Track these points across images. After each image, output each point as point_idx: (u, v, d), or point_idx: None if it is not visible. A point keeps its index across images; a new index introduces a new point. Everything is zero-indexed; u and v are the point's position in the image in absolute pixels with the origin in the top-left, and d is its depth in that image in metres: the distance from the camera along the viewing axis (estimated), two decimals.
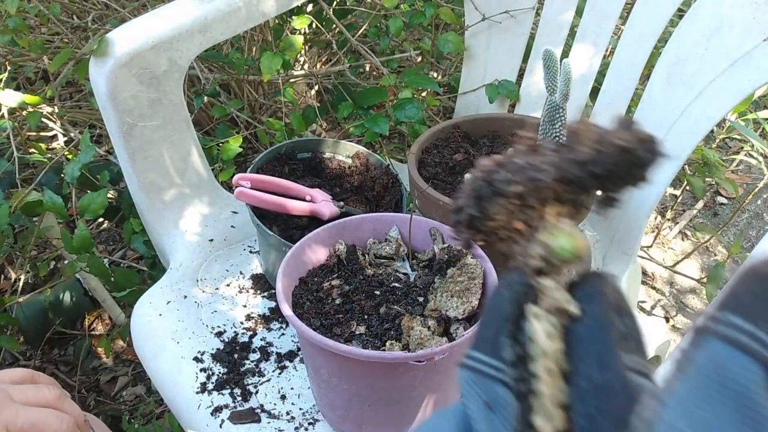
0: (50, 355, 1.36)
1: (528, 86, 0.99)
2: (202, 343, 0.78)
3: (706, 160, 1.18)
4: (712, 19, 0.74)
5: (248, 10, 0.87)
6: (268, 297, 0.85)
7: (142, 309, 0.83)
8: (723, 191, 1.78)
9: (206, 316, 0.82)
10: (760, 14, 0.71)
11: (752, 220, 1.69)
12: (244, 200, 0.80)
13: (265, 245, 0.83)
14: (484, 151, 0.78)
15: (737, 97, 0.73)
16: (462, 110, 1.08)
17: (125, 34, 0.81)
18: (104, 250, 1.57)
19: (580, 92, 0.90)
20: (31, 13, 1.12)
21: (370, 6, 1.27)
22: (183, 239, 0.92)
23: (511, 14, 0.98)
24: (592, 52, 0.89)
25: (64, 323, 1.32)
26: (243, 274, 0.89)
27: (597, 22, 0.88)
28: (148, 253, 1.08)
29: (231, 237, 0.94)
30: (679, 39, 0.78)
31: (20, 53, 1.13)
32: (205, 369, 0.75)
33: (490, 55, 1.03)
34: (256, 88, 1.34)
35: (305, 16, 1.08)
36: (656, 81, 0.80)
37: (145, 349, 0.80)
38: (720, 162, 1.19)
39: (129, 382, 1.31)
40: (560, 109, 0.66)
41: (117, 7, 1.21)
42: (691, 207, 1.72)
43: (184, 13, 0.83)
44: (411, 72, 1.10)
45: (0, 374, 0.50)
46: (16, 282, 1.35)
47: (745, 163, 1.82)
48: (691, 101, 0.76)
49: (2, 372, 0.51)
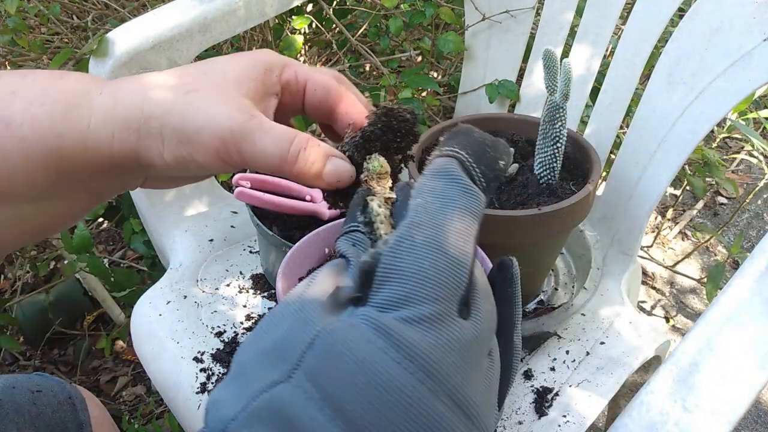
0: (50, 355, 1.36)
1: (528, 86, 0.99)
2: (201, 343, 0.78)
3: (706, 159, 1.18)
4: (713, 19, 0.74)
5: (248, 9, 0.87)
6: (268, 297, 0.85)
7: (141, 309, 0.83)
8: (723, 191, 1.78)
9: (206, 316, 0.82)
10: (761, 14, 0.71)
11: (752, 220, 1.69)
12: (244, 200, 0.80)
13: (265, 245, 0.83)
14: None
15: (737, 97, 0.73)
16: (462, 110, 1.08)
17: (125, 33, 0.81)
18: (104, 250, 1.57)
19: (580, 92, 0.90)
20: (30, 13, 1.12)
21: (370, 6, 1.27)
22: (183, 239, 0.92)
23: (512, 14, 0.98)
24: (592, 52, 0.89)
25: (64, 323, 1.32)
26: (243, 274, 0.89)
27: (597, 22, 0.88)
28: (148, 253, 1.08)
29: (231, 237, 0.94)
30: (679, 39, 0.78)
31: (20, 53, 1.13)
32: (205, 369, 0.75)
33: (490, 55, 1.03)
34: None
35: (305, 16, 1.08)
36: (656, 81, 0.80)
37: (145, 349, 0.80)
38: (720, 162, 1.19)
39: (129, 382, 1.31)
40: (560, 108, 0.66)
41: (117, 7, 1.21)
42: (691, 207, 1.72)
43: (184, 13, 0.83)
44: (411, 72, 1.10)
45: None
46: (16, 282, 1.36)
47: (745, 163, 1.82)
48: (692, 101, 0.76)
49: None
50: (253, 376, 0.25)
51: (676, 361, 0.44)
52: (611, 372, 0.71)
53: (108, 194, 0.38)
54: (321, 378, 0.24)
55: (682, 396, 0.42)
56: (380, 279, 0.26)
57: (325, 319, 0.26)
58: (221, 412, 0.25)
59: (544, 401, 0.69)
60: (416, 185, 0.30)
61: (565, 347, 0.75)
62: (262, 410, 0.24)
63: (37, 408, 0.59)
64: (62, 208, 0.35)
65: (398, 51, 1.33)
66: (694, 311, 1.44)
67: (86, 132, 0.33)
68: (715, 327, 0.45)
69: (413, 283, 0.25)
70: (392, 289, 0.26)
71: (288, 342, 0.25)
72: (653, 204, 0.81)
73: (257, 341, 0.27)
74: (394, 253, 0.27)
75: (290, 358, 0.25)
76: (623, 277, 0.84)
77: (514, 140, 0.80)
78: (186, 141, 0.33)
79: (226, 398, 0.25)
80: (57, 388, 0.62)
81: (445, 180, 0.30)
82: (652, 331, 0.77)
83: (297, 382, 0.24)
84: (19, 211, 0.34)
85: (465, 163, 0.31)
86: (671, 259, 1.56)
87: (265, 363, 0.25)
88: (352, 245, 0.33)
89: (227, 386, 0.26)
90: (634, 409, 0.42)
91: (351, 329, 0.24)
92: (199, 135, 0.33)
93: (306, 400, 0.23)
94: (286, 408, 0.23)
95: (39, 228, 0.36)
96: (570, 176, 0.72)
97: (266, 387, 0.24)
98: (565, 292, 0.85)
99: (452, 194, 0.29)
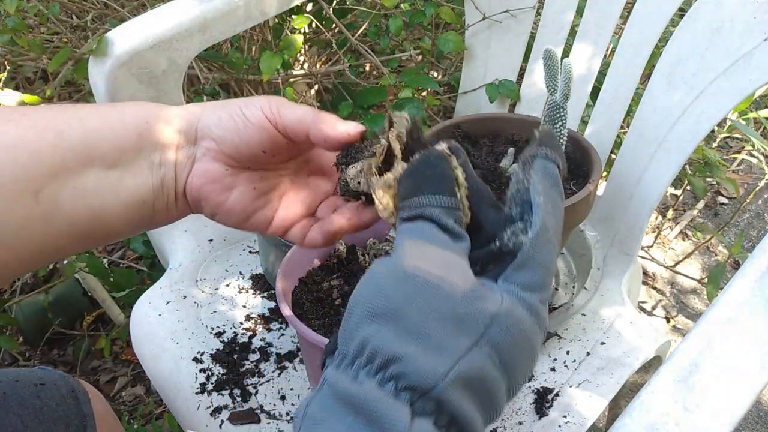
0: (50, 355, 1.36)
1: (528, 86, 0.99)
2: (201, 343, 0.78)
3: (707, 159, 1.17)
4: (713, 19, 0.74)
5: (248, 9, 0.86)
6: (268, 297, 0.85)
7: (141, 309, 0.83)
8: (724, 191, 1.78)
9: (206, 316, 0.82)
10: (761, 14, 0.70)
11: (753, 220, 1.69)
12: None
13: (264, 245, 0.83)
14: (484, 150, 0.78)
15: (738, 97, 0.73)
16: (462, 110, 1.08)
17: (124, 33, 0.81)
18: (104, 250, 1.57)
19: (580, 92, 0.90)
20: (30, 13, 1.12)
21: (370, 5, 1.27)
22: (182, 239, 0.92)
23: (512, 13, 0.98)
24: (593, 52, 0.89)
25: (63, 323, 1.32)
26: (243, 274, 0.88)
27: (597, 22, 0.88)
28: (148, 253, 1.08)
29: (231, 237, 0.94)
30: (679, 39, 0.77)
31: (19, 53, 1.13)
32: (205, 369, 0.75)
33: (490, 55, 1.03)
34: (256, 87, 1.34)
35: (305, 15, 1.08)
36: (657, 81, 0.80)
37: (144, 349, 0.80)
38: (721, 162, 1.19)
39: (128, 383, 1.31)
40: (561, 108, 0.66)
41: (116, 7, 1.21)
42: (691, 207, 1.72)
43: (184, 13, 0.83)
44: (411, 71, 1.10)
45: None
46: (16, 282, 1.35)
47: (746, 163, 1.82)
48: (692, 101, 0.76)
49: None
50: (442, 340, 0.30)
51: (676, 361, 0.44)
52: (612, 372, 0.71)
53: (164, 174, 0.43)
54: (502, 350, 0.31)
55: (683, 396, 0.42)
56: (520, 263, 0.33)
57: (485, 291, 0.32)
58: (423, 368, 0.29)
59: (544, 401, 0.69)
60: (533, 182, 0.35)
61: (566, 347, 0.75)
62: (464, 372, 0.30)
63: (41, 401, 0.59)
64: (126, 187, 0.41)
65: (398, 50, 1.33)
66: (694, 311, 1.44)
67: (165, 108, 0.43)
68: (715, 327, 0.45)
69: (544, 272, 0.33)
70: (533, 275, 0.33)
71: (467, 317, 0.31)
72: (654, 204, 0.81)
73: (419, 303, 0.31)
74: (535, 245, 0.33)
75: (475, 329, 0.31)
76: (624, 277, 0.84)
77: (514, 140, 0.80)
78: (242, 104, 0.42)
79: (414, 351, 0.30)
80: (60, 381, 0.62)
81: (550, 181, 0.36)
82: (653, 331, 0.77)
83: (483, 349, 0.31)
84: (94, 181, 0.40)
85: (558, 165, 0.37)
86: (672, 259, 1.56)
87: (450, 331, 0.31)
88: (453, 221, 0.34)
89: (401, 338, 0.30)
90: (635, 410, 0.42)
91: (518, 312, 0.32)
92: (252, 99, 0.43)
93: (491, 363, 0.31)
94: (477, 371, 0.30)
95: (101, 212, 0.41)
96: (570, 176, 0.72)
97: (463, 353, 0.30)
98: (565, 292, 0.85)
99: (557, 198, 0.36)
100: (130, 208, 0.42)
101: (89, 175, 0.40)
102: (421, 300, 0.31)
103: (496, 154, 0.76)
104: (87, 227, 0.41)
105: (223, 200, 0.44)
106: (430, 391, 0.29)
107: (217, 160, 0.43)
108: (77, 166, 0.39)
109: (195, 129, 0.43)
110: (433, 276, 0.31)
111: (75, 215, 0.40)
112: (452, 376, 0.29)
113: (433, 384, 0.29)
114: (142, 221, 0.44)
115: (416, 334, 0.30)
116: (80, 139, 0.40)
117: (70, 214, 0.40)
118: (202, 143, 0.43)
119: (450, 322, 0.30)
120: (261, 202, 0.45)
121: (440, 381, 0.29)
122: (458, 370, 0.29)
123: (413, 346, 0.30)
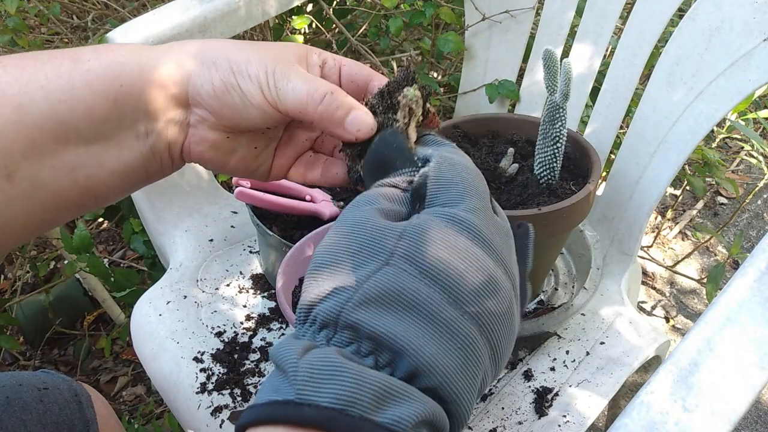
0: (50, 355, 1.36)
1: (528, 86, 0.99)
2: (202, 343, 0.78)
3: (706, 159, 1.18)
4: (713, 19, 0.74)
5: (248, 9, 0.87)
6: (268, 297, 0.85)
7: (141, 309, 0.83)
8: (723, 191, 1.78)
9: (206, 316, 0.82)
10: (760, 14, 0.71)
11: (752, 220, 1.69)
12: (243, 200, 0.80)
13: (265, 245, 0.83)
14: (484, 150, 0.78)
15: (737, 97, 0.73)
16: (462, 110, 1.08)
17: (125, 33, 0.81)
18: (104, 250, 1.57)
19: (580, 92, 0.90)
20: (30, 13, 1.12)
21: (370, 6, 1.27)
22: (183, 239, 0.92)
23: (512, 14, 0.98)
24: (593, 52, 0.89)
25: (63, 323, 1.32)
26: (243, 274, 0.89)
27: (597, 22, 0.88)
28: (148, 253, 1.08)
29: (231, 237, 0.94)
30: (679, 39, 0.78)
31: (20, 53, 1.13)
32: (205, 369, 0.75)
33: (490, 55, 1.03)
34: None
35: (305, 15, 1.08)
36: (656, 81, 0.80)
37: (144, 349, 0.80)
38: (720, 162, 1.19)
39: (129, 382, 1.31)
40: (560, 108, 0.66)
41: (117, 7, 1.21)
42: (691, 207, 1.72)
43: (184, 13, 0.83)
44: None
45: None
46: (16, 282, 1.35)
47: (745, 163, 1.82)
48: (692, 101, 0.76)
49: None
50: (351, 269, 0.30)
51: (676, 361, 0.44)
52: (611, 372, 0.71)
53: (153, 142, 0.40)
54: (416, 258, 0.30)
55: (682, 396, 0.42)
56: (433, 191, 0.33)
57: (399, 224, 0.32)
58: (329, 301, 0.29)
59: (544, 401, 0.69)
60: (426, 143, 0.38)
61: (565, 347, 0.75)
62: (371, 292, 0.29)
63: (44, 405, 0.59)
64: (111, 158, 0.39)
65: (398, 51, 1.33)
66: (694, 311, 1.44)
67: (144, 61, 0.39)
68: (715, 327, 0.45)
69: (461, 187, 0.33)
70: (447, 194, 0.33)
71: (375, 241, 0.31)
72: (653, 204, 0.81)
73: (336, 247, 0.31)
74: (440, 170, 0.34)
75: (383, 250, 0.30)
76: (623, 277, 0.84)
77: (514, 140, 0.80)
78: (236, 70, 0.39)
79: (328, 290, 0.30)
80: (63, 385, 0.62)
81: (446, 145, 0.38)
82: (652, 331, 0.77)
83: (397, 265, 0.30)
84: (74, 157, 0.37)
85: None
86: (671, 259, 1.56)
87: (358, 259, 0.30)
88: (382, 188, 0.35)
89: (320, 282, 0.30)
90: (634, 409, 0.42)
91: (430, 221, 0.31)
92: (249, 65, 0.39)
93: (408, 276, 0.29)
94: (392, 286, 0.29)
95: (87, 182, 0.39)
96: (570, 176, 0.72)
97: (370, 273, 0.30)
98: (565, 292, 0.85)
99: (453, 150, 0.37)
100: (119, 176, 0.40)
101: (66, 152, 0.37)
102: (346, 243, 0.32)
103: (496, 154, 0.76)
104: (76, 198, 0.39)
105: (226, 162, 0.43)
106: (338, 320, 0.29)
107: (215, 130, 0.41)
108: (50, 144, 0.36)
109: (186, 93, 0.40)
110: (363, 219, 0.32)
111: (60, 189, 0.38)
112: (357, 299, 0.29)
113: (337, 313, 0.29)
114: (136, 185, 0.42)
115: (334, 274, 0.30)
116: (46, 113, 0.36)
117: (54, 190, 0.37)
118: (195, 110, 0.41)
119: (363, 252, 0.31)
120: (262, 157, 0.45)
121: (344, 306, 0.29)
122: (365, 292, 0.29)
123: (329, 285, 0.30)
